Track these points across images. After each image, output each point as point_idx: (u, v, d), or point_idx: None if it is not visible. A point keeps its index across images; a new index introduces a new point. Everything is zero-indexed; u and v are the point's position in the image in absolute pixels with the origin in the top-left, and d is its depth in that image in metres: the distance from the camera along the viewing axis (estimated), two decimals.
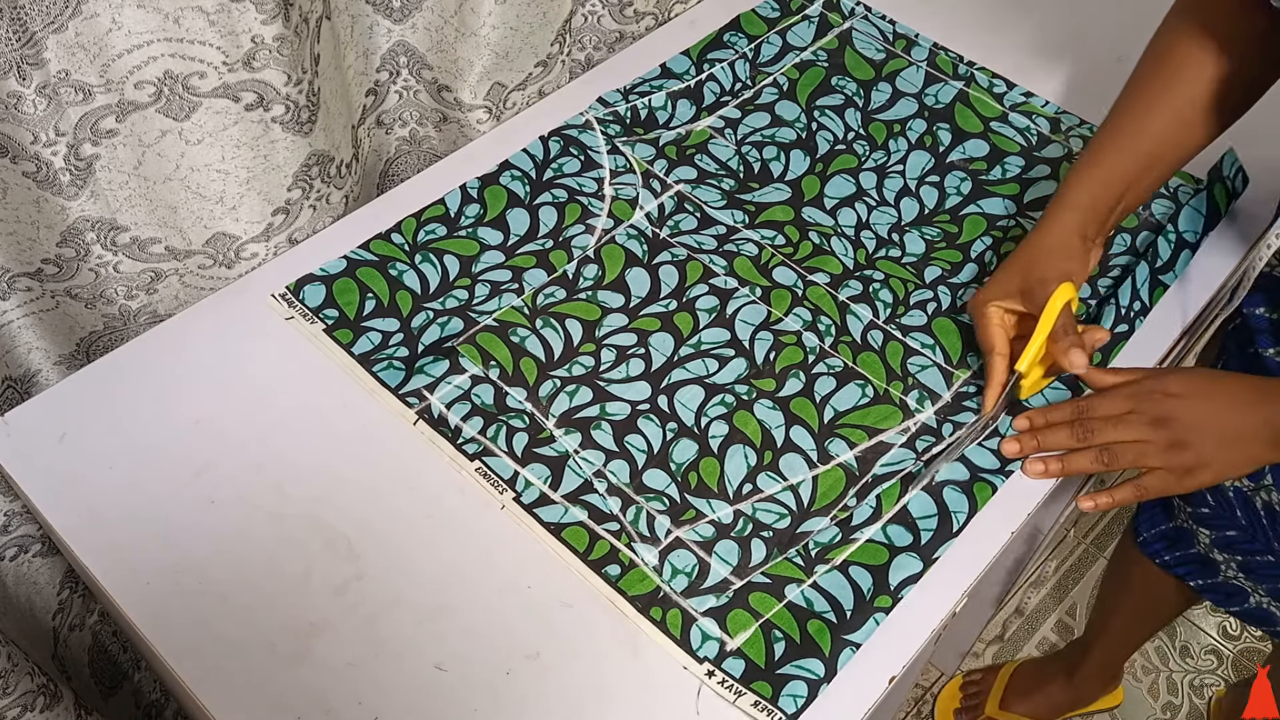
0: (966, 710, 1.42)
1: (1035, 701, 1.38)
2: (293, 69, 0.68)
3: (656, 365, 0.73)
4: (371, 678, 0.59)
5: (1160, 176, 0.75)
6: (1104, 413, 0.68)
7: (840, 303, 0.78)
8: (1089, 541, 1.65)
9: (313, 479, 0.66)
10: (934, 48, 0.97)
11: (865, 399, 0.73)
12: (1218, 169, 0.84)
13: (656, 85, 0.91)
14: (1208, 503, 0.89)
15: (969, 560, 0.66)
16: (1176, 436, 0.66)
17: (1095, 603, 1.32)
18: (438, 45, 0.83)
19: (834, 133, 0.90)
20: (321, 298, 0.74)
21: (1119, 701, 1.42)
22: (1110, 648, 1.30)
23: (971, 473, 0.68)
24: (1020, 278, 0.71)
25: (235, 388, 0.70)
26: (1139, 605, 1.17)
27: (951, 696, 1.43)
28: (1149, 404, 0.67)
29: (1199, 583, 0.98)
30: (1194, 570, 0.98)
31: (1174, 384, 0.68)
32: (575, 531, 0.65)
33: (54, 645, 0.80)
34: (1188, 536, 0.96)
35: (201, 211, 0.71)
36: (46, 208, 0.64)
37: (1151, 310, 0.79)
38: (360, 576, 0.62)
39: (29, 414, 0.68)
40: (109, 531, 0.63)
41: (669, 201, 0.83)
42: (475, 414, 0.69)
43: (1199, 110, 0.73)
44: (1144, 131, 0.73)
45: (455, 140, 0.89)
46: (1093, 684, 1.36)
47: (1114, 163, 0.73)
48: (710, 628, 0.61)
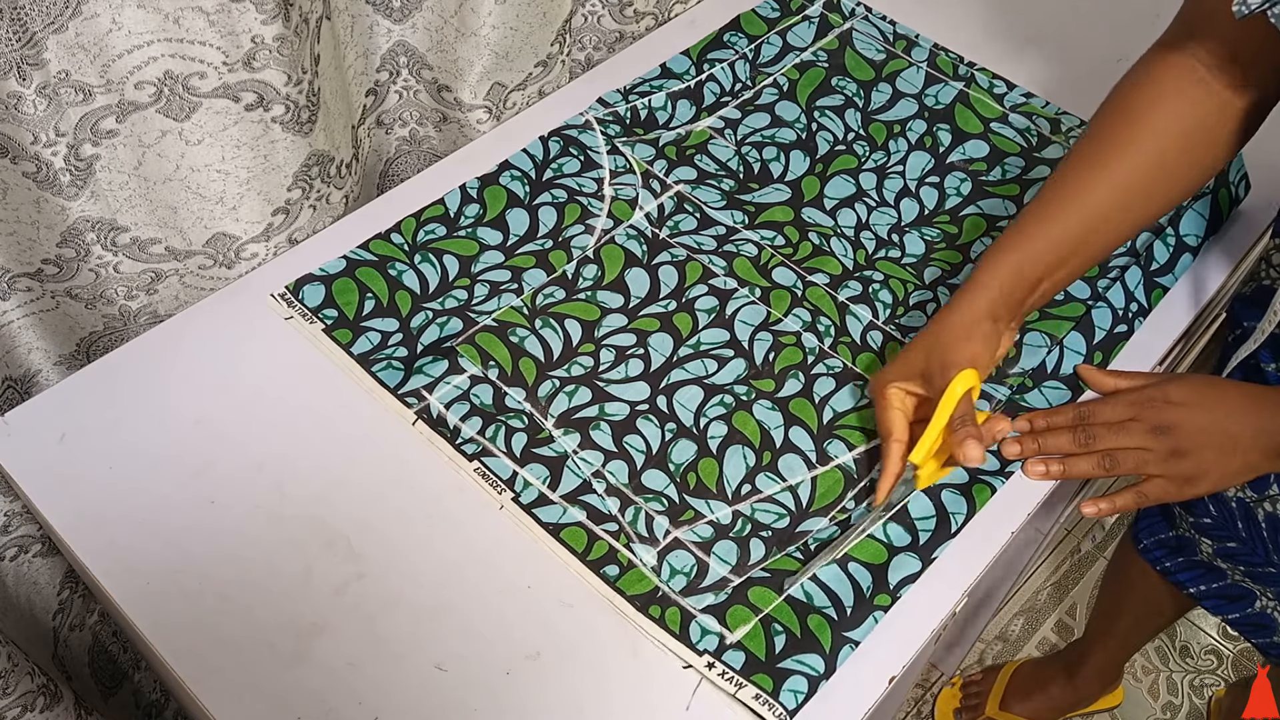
0: (966, 710, 1.42)
1: (1036, 702, 1.38)
2: (293, 69, 0.68)
3: (656, 365, 0.73)
4: (371, 678, 0.59)
5: (1093, 256, 0.70)
6: (1106, 419, 0.68)
7: (840, 303, 0.78)
8: (1089, 542, 1.65)
9: (313, 479, 0.66)
10: (934, 48, 0.97)
11: (864, 400, 0.73)
12: (1223, 174, 0.84)
13: (656, 85, 0.91)
14: (1209, 513, 0.89)
15: (969, 560, 0.66)
16: (1177, 445, 0.66)
17: (1095, 604, 1.32)
18: (438, 45, 0.83)
19: (834, 133, 0.90)
20: (321, 298, 0.75)
21: (1119, 701, 1.43)
22: (1110, 649, 1.30)
23: (970, 475, 0.68)
24: (924, 360, 0.67)
25: (235, 388, 0.70)
26: (1139, 608, 1.17)
27: (952, 696, 1.43)
28: (1150, 411, 0.67)
29: (1200, 588, 0.98)
30: (1197, 576, 0.98)
31: (1175, 392, 0.68)
32: (574, 532, 0.65)
33: (54, 645, 0.80)
34: (1190, 545, 0.96)
35: (201, 212, 0.71)
36: (47, 208, 0.64)
37: (1151, 312, 0.79)
38: (360, 576, 0.62)
39: (29, 414, 0.68)
40: (109, 531, 0.63)
41: (669, 202, 0.83)
42: (474, 414, 0.69)
43: (1143, 186, 0.68)
44: (1078, 207, 0.68)
45: (455, 140, 0.89)
46: (1093, 684, 1.36)
47: (1039, 241, 0.68)
48: (709, 623, 0.61)
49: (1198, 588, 0.98)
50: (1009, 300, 0.68)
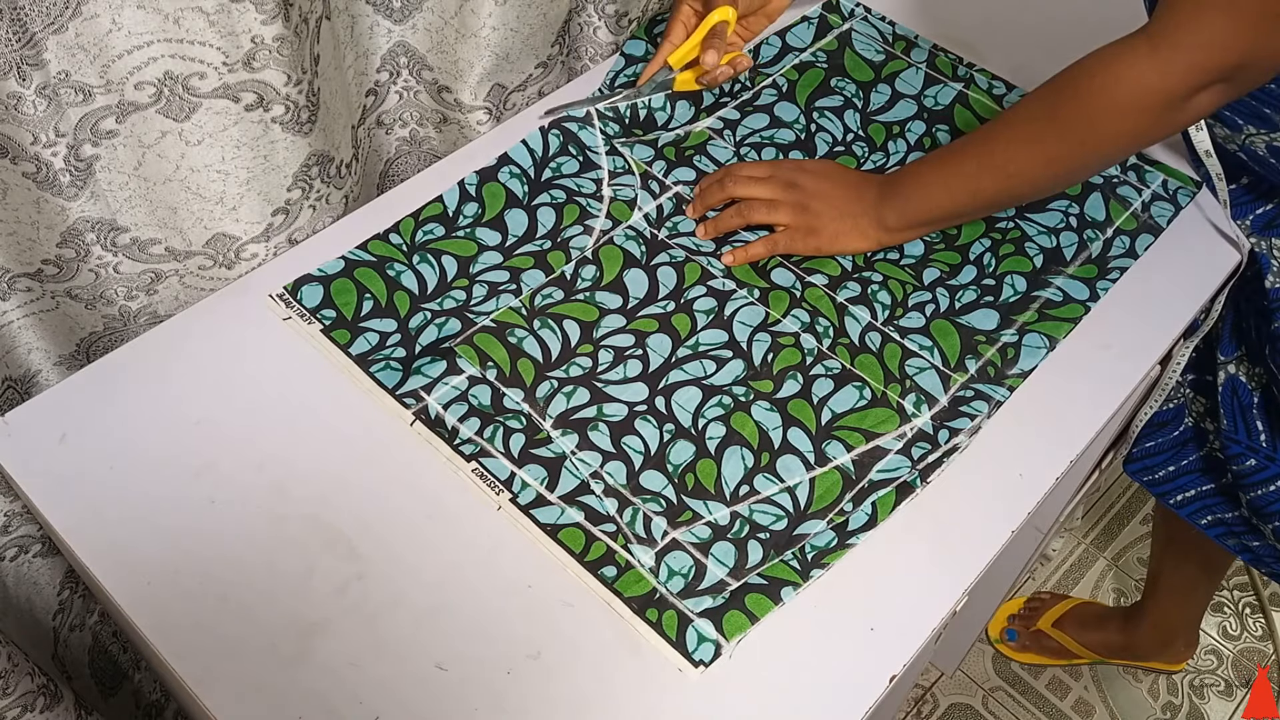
0: (1021, 619, 1.49)
1: (1089, 633, 1.46)
2: (293, 69, 0.68)
3: (654, 366, 0.73)
4: (372, 677, 0.59)
5: None
6: (747, 174, 0.82)
7: (838, 304, 0.78)
8: (1089, 542, 1.65)
9: (313, 479, 0.66)
10: (933, 49, 0.97)
11: (863, 401, 0.73)
12: None
13: (632, 75, 0.91)
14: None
15: (969, 560, 0.66)
16: (801, 199, 0.79)
17: (1149, 560, 1.37)
18: (438, 46, 0.83)
19: (833, 134, 0.90)
20: (319, 298, 0.75)
21: (1179, 668, 1.47)
22: (1163, 605, 1.36)
23: None
24: None
25: (235, 388, 0.70)
26: (1181, 561, 1.27)
27: (1013, 604, 1.50)
28: (784, 171, 0.82)
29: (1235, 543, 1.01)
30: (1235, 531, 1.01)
31: (808, 163, 0.84)
32: (571, 533, 0.65)
33: (54, 645, 0.80)
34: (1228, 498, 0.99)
35: (201, 212, 0.71)
36: (46, 208, 0.65)
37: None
38: (361, 576, 0.63)
39: (29, 414, 0.68)
40: (109, 531, 0.63)
41: (667, 203, 0.84)
42: (472, 415, 0.69)
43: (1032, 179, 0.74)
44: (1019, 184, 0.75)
45: (455, 141, 0.89)
46: (1148, 637, 1.42)
47: (961, 196, 0.76)
48: (706, 629, 0.61)
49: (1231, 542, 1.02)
50: (899, 207, 0.78)
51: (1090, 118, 0.68)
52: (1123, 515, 1.68)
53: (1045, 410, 0.73)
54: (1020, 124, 0.73)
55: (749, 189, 0.81)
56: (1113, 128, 0.68)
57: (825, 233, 0.79)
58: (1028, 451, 0.71)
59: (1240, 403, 0.90)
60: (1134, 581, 1.59)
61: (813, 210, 0.79)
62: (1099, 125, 0.68)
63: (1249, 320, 0.88)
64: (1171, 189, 0.87)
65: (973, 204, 0.76)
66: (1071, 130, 0.69)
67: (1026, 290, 0.80)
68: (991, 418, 0.72)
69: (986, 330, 0.77)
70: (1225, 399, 0.91)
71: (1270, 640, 1.54)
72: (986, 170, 0.74)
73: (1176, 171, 0.88)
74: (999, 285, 0.80)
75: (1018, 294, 0.79)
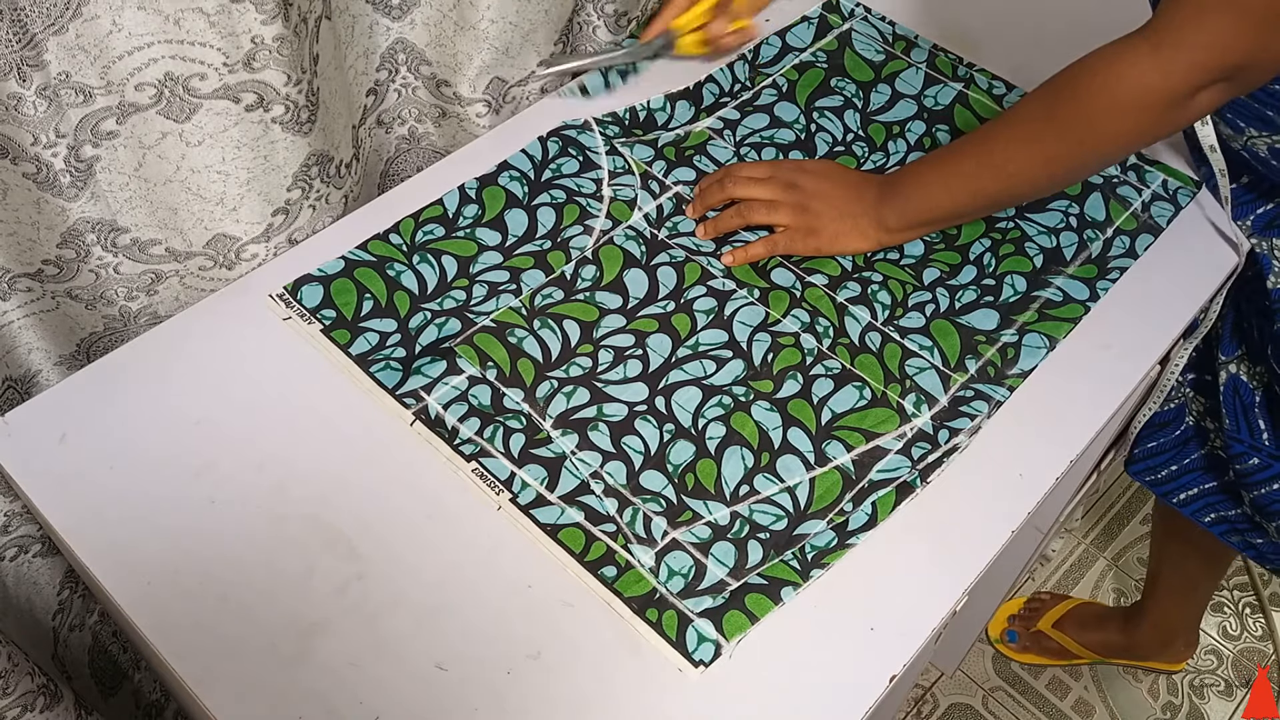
0: (1021, 620, 1.49)
1: (1089, 634, 1.46)
2: (293, 69, 0.68)
3: (654, 366, 0.73)
4: (372, 677, 0.59)
5: None
6: (747, 174, 0.81)
7: (838, 304, 0.78)
8: (1089, 542, 1.65)
9: (313, 479, 0.66)
10: (933, 49, 0.97)
11: (863, 401, 0.73)
12: None
13: None
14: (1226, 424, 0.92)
15: (969, 560, 0.66)
16: (802, 200, 0.79)
17: (1149, 560, 1.38)
18: (436, 40, 0.83)
19: (833, 134, 0.90)
20: (319, 298, 0.75)
21: (1179, 668, 1.47)
22: (1163, 605, 1.36)
23: None
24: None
25: (235, 388, 0.70)
26: (1180, 561, 1.27)
27: (1013, 604, 1.50)
28: (784, 171, 0.81)
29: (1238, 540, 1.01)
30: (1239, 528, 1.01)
31: (809, 164, 0.83)
32: (571, 533, 0.65)
33: (54, 645, 0.80)
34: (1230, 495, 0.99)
35: (202, 213, 0.71)
36: (47, 209, 0.65)
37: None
38: (361, 576, 0.63)
39: (29, 414, 0.68)
40: (109, 531, 0.63)
41: (667, 203, 0.84)
42: (472, 415, 0.69)
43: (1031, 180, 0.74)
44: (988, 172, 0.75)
45: (455, 135, 0.89)
46: (1148, 639, 1.42)
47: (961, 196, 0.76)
48: (706, 629, 0.61)
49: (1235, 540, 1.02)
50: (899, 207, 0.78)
51: (1091, 117, 0.68)
52: (1123, 515, 1.68)
53: (1045, 410, 0.73)
54: (1020, 124, 0.73)
55: (749, 189, 0.80)
56: (1113, 127, 0.68)
57: (825, 233, 0.79)
58: (1028, 451, 0.71)
59: (1242, 402, 0.90)
60: (1134, 582, 1.59)
61: (813, 210, 0.79)
62: (1099, 124, 0.68)
63: (1250, 320, 0.88)
64: (1171, 189, 0.87)
65: (973, 204, 0.76)
66: (1071, 129, 0.69)
67: (1026, 290, 0.80)
68: (991, 418, 0.72)
69: (986, 330, 0.77)
70: (1227, 399, 0.91)
71: (1270, 640, 1.54)
72: (986, 170, 0.74)
73: (1176, 171, 0.88)
74: (999, 285, 0.80)
75: (1018, 294, 0.79)
